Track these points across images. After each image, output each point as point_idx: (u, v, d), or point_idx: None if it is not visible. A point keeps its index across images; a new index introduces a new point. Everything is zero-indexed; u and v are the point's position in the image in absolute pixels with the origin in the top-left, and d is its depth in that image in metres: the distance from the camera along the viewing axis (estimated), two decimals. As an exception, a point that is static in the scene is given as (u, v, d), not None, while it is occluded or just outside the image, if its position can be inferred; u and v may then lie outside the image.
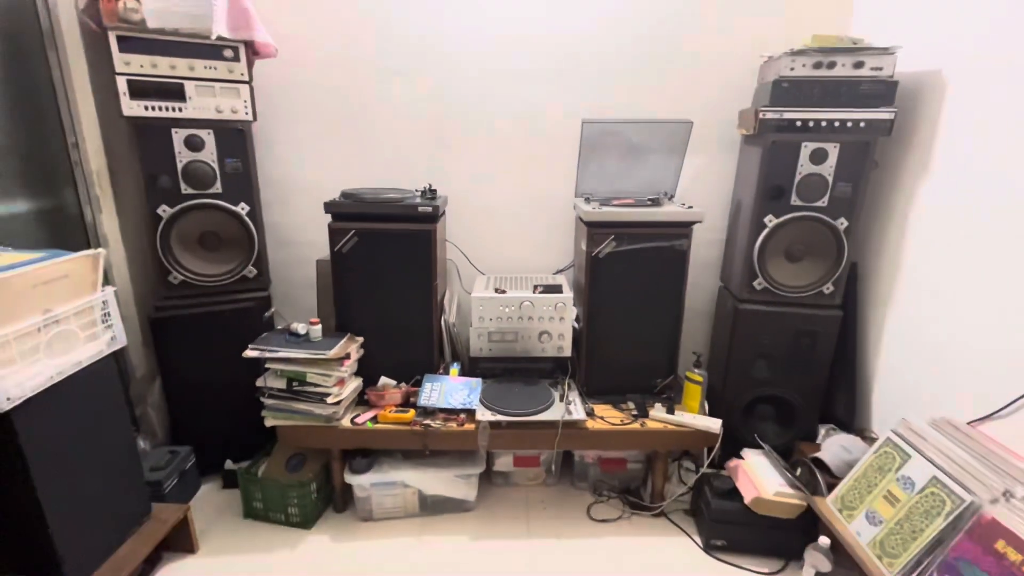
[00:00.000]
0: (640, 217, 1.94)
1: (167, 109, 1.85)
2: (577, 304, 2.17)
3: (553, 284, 2.14)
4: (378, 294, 1.99)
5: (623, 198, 2.09)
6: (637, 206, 2.01)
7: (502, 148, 2.30)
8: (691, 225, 1.96)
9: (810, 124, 1.83)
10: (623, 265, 1.96)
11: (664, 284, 1.99)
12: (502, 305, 2.03)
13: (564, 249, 2.42)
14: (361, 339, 2.00)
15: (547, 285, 2.12)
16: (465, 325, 2.17)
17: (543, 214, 2.38)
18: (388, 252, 1.94)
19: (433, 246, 1.94)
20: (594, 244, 1.94)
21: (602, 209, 1.95)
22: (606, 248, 1.94)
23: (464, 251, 2.40)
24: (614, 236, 1.93)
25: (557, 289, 2.10)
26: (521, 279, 2.25)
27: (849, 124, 1.81)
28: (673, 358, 2.08)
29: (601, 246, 1.94)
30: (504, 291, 2.07)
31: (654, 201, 2.07)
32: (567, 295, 2.06)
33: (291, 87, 2.20)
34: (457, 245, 2.39)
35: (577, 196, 2.20)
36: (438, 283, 2.03)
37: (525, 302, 2.02)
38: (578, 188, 2.19)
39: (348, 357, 1.88)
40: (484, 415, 1.87)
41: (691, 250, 1.96)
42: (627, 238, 1.93)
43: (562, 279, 2.24)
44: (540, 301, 2.03)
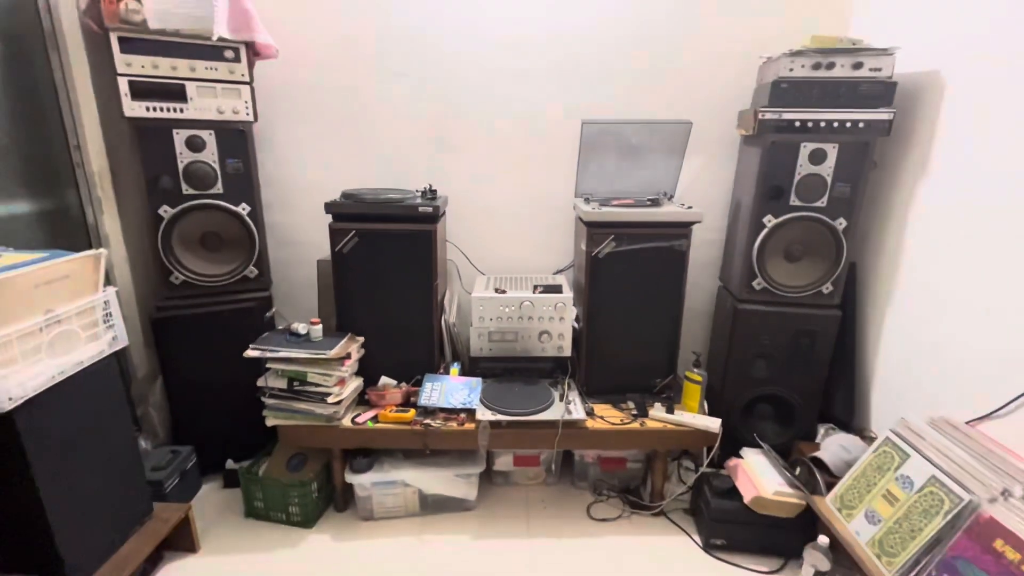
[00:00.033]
0: (640, 217, 1.95)
1: (168, 110, 1.86)
2: (577, 304, 2.17)
3: (553, 284, 2.15)
4: (378, 294, 1.99)
5: (623, 198, 2.10)
6: (637, 206, 2.01)
7: (502, 148, 2.31)
8: (690, 225, 1.96)
9: (809, 125, 1.83)
10: (623, 265, 1.97)
11: (664, 284, 2.00)
12: (502, 305, 2.04)
13: (564, 249, 2.43)
14: (362, 339, 2.00)
15: (547, 285, 2.13)
16: (465, 325, 2.18)
17: (543, 214, 2.39)
18: (389, 252, 1.94)
19: (433, 246, 1.95)
20: (594, 244, 1.95)
21: (602, 209, 1.95)
22: (606, 248, 1.95)
23: (464, 251, 2.41)
24: (614, 236, 1.93)
25: (557, 289, 2.10)
26: (521, 279, 2.25)
27: (848, 124, 1.81)
28: (673, 358, 2.09)
29: (601, 246, 1.95)
30: (504, 291, 2.07)
31: (654, 201, 2.07)
32: (567, 295, 2.06)
33: (292, 88, 2.21)
34: (457, 245, 2.40)
35: (577, 196, 2.20)
36: (438, 283, 2.04)
37: (525, 302, 2.03)
38: (578, 188, 2.19)
39: (349, 357, 1.88)
40: (484, 415, 1.87)
41: (690, 250, 1.96)
42: (627, 238, 1.94)
43: (562, 279, 2.25)
44: (540, 301, 2.04)
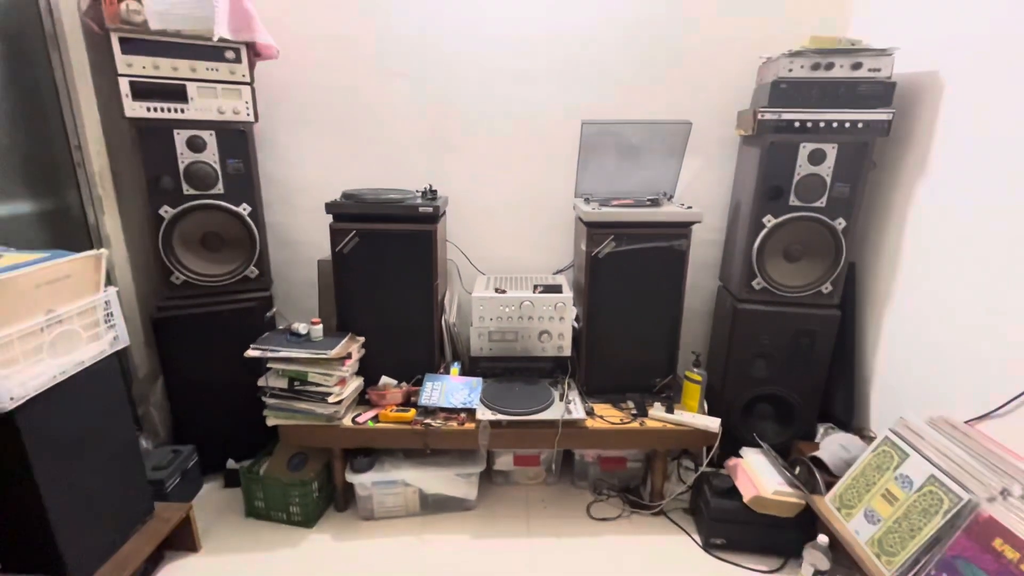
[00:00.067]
0: (639, 217, 1.95)
1: (169, 110, 1.86)
2: (577, 304, 2.18)
3: (553, 284, 2.15)
4: (379, 294, 2.00)
5: (622, 198, 2.10)
6: (636, 206, 2.02)
7: (502, 148, 2.31)
8: (690, 225, 1.96)
9: (808, 125, 1.84)
10: (623, 265, 1.97)
11: (663, 284, 2.00)
12: (502, 305, 2.04)
13: (564, 249, 2.43)
14: (362, 339, 2.00)
15: (547, 285, 2.13)
16: (465, 325, 2.18)
17: (543, 214, 2.39)
18: (389, 252, 1.95)
19: (434, 246, 1.95)
20: (594, 244, 1.95)
21: (602, 209, 1.96)
22: (606, 248, 1.95)
23: (464, 251, 2.41)
24: (613, 236, 1.94)
25: (557, 289, 2.11)
26: (521, 279, 2.26)
27: (847, 125, 1.82)
28: (672, 357, 2.09)
29: (601, 246, 1.95)
30: (504, 291, 2.08)
31: (653, 201, 2.07)
32: (567, 295, 2.07)
33: (292, 88, 2.21)
34: (457, 245, 2.40)
35: (577, 196, 2.21)
36: (439, 283, 2.04)
37: (525, 302, 2.03)
38: (578, 188, 2.20)
39: (349, 357, 1.89)
40: (484, 414, 1.88)
41: (690, 250, 1.96)
42: (626, 238, 1.94)
43: (562, 279, 2.25)
44: (540, 301, 2.04)
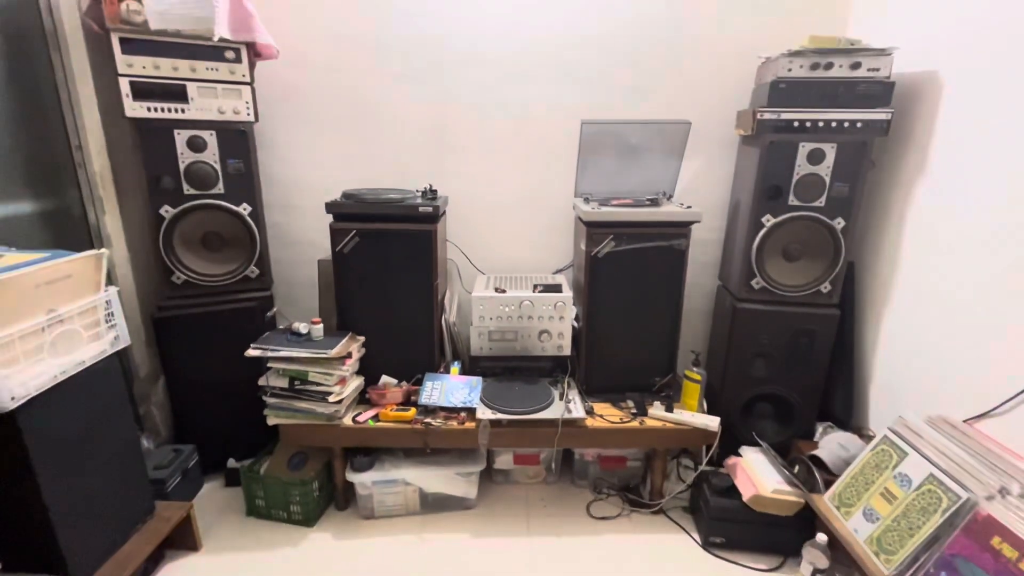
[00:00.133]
0: (639, 217, 1.96)
1: (170, 110, 1.86)
2: (577, 303, 2.18)
3: (553, 284, 2.15)
4: (379, 294, 2.00)
5: (622, 198, 2.11)
6: (636, 206, 2.02)
7: (502, 148, 2.32)
8: (689, 225, 1.97)
9: (807, 125, 1.84)
10: (622, 265, 1.97)
11: (663, 283, 2.00)
12: (502, 304, 2.04)
13: (564, 249, 2.44)
14: (362, 338, 2.01)
15: (547, 285, 2.13)
16: (465, 324, 2.18)
17: (543, 214, 2.39)
18: (389, 252, 1.95)
19: (434, 246, 1.95)
20: (593, 244, 1.96)
21: (601, 209, 1.96)
22: (605, 248, 1.95)
23: (464, 251, 2.41)
24: (613, 236, 1.94)
25: (557, 288, 2.11)
26: (521, 279, 2.26)
27: (846, 124, 1.82)
28: (672, 357, 2.10)
29: (600, 246, 1.95)
30: (504, 290, 2.08)
31: (653, 201, 2.08)
32: (567, 294, 2.07)
33: (293, 88, 2.22)
34: (457, 245, 2.40)
35: (576, 196, 2.21)
36: (439, 283, 2.04)
37: (525, 301, 2.04)
38: (577, 188, 2.20)
39: (350, 356, 1.89)
40: (484, 413, 1.88)
41: (689, 250, 1.97)
42: (626, 238, 1.94)
43: (562, 279, 2.25)
44: (540, 300, 2.04)
